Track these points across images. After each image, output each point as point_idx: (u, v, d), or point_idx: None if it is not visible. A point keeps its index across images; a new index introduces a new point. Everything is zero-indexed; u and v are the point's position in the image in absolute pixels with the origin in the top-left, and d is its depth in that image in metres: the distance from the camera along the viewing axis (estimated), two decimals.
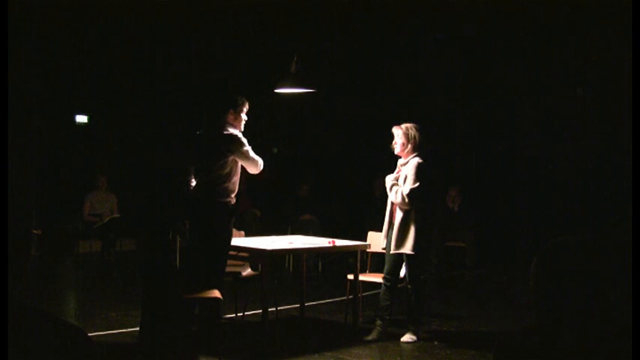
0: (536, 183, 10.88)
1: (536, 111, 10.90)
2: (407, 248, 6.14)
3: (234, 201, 5.94)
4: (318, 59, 9.25)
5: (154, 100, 11.57)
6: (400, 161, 6.32)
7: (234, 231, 6.99)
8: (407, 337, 6.29)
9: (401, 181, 6.20)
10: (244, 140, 5.86)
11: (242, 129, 5.98)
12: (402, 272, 6.36)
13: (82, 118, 12.10)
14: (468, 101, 11.71)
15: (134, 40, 9.14)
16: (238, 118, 5.94)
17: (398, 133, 6.28)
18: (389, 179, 6.30)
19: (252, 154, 5.88)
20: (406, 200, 6.10)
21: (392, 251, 6.24)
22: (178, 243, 7.65)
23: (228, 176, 5.88)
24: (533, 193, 10.90)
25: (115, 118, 11.90)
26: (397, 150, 6.29)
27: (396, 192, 6.17)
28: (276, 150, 13.73)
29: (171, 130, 11.17)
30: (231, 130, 5.86)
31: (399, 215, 6.20)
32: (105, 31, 8.62)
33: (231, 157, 5.83)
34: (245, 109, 5.97)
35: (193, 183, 6.00)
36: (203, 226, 5.79)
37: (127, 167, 11.82)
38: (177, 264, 7.48)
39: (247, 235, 7.22)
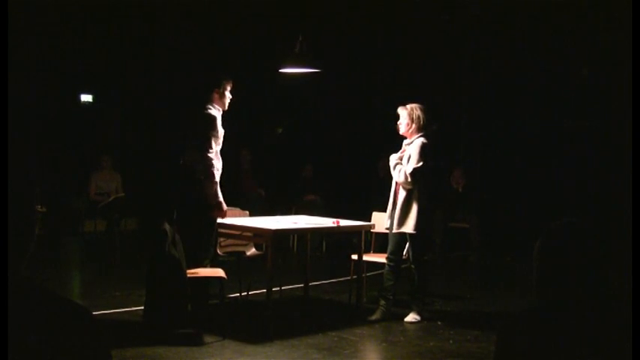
0: (540, 164, 10.85)
1: (543, 91, 10.84)
2: (409, 227, 6.14)
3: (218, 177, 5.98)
4: (323, 39, 9.20)
5: (161, 79, 11.53)
6: (405, 141, 6.32)
7: (239, 211, 7.01)
8: (410, 317, 6.31)
9: (405, 161, 6.20)
10: (215, 129, 5.88)
11: (226, 107, 6.05)
12: (406, 252, 6.38)
13: (86, 97, 12.07)
14: (473, 83, 11.65)
15: (139, 16, 9.11)
16: (223, 97, 5.99)
17: (403, 113, 6.28)
18: (393, 158, 6.30)
19: (211, 142, 5.86)
20: (409, 179, 6.10)
21: (394, 230, 6.24)
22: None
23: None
24: (537, 174, 10.87)
25: (121, 98, 11.88)
26: (402, 130, 6.29)
27: (399, 171, 6.18)
28: (280, 130, 13.70)
29: (176, 109, 11.16)
30: (211, 110, 5.90)
31: (402, 194, 6.21)
32: (110, 7, 8.58)
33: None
34: (229, 88, 6.02)
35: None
36: (187, 203, 5.83)
37: (133, 146, 11.81)
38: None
39: (252, 215, 7.22)
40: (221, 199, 5.94)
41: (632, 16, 4.24)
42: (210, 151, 5.86)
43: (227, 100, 6.05)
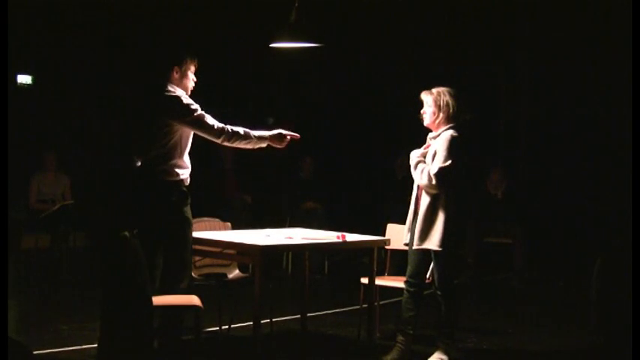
0: (604, 164, 10.82)
1: (615, 70, 10.72)
2: (433, 243, 6.13)
3: (188, 179, 5.98)
4: (325, 5, 9.22)
5: (118, 56, 11.54)
6: (431, 134, 6.32)
7: (219, 222, 7.01)
8: (436, 358, 6.31)
9: (429, 158, 6.19)
10: (190, 102, 5.90)
11: (189, 92, 6.05)
12: (429, 274, 6.38)
13: (24, 79, 12.07)
14: (517, 56, 11.62)
15: None
16: (185, 78, 6.00)
17: (427, 99, 6.27)
18: (414, 155, 6.29)
19: (207, 119, 5.91)
20: (433, 182, 6.09)
21: (414, 246, 6.24)
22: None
23: (177, 148, 5.90)
24: (599, 176, 10.84)
25: (67, 79, 11.88)
26: (427, 121, 6.28)
27: (422, 171, 6.16)
28: (271, 120, 13.71)
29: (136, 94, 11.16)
30: (174, 92, 5.92)
31: (424, 201, 6.19)
32: None
33: (176, 125, 5.86)
34: (193, 69, 6.04)
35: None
36: (149, 214, 5.82)
37: (82, 141, 11.81)
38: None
39: (235, 227, 7.24)
40: (270, 133, 6.19)
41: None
42: (210, 124, 5.89)
43: (190, 84, 6.05)
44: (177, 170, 5.92)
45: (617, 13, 9.26)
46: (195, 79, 6.09)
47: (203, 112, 5.91)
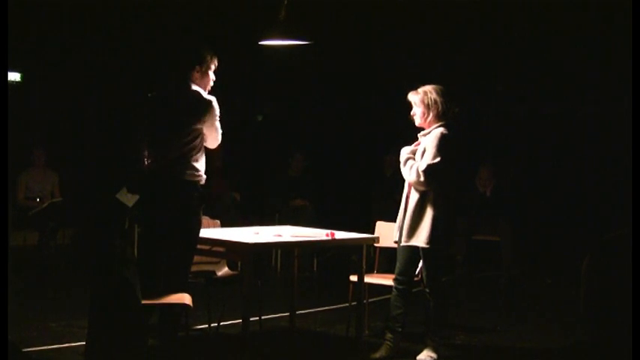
0: (592, 162, 10.84)
1: (603, 69, 10.75)
2: (420, 240, 6.14)
3: (204, 180, 5.97)
4: (314, 2, 9.22)
5: (106, 54, 11.52)
6: (421, 132, 6.31)
7: (208, 220, 7.00)
8: (425, 355, 6.32)
9: (418, 155, 6.19)
10: (217, 108, 5.90)
11: (208, 91, 6.00)
12: (418, 272, 6.39)
13: (13, 76, 12.04)
14: (507, 55, 11.65)
15: None
16: (205, 77, 5.96)
17: (415, 99, 6.26)
18: (404, 152, 6.29)
19: (218, 124, 5.97)
20: (422, 178, 6.09)
21: (402, 243, 6.24)
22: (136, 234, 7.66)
23: (198, 149, 5.89)
24: (587, 175, 10.87)
25: (56, 76, 11.85)
26: (417, 121, 6.27)
27: (411, 167, 6.16)
28: (260, 117, 13.72)
29: (126, 91, 11.14)
30: (202, 93, 5.88)
31: (413, 198, 6.20)
32: None
33: (200, 126, 5.84)
34: (213, 67, 5.99)
35: (148, 160, 5.97)
36: (165, 212, 5.79)
37: (71, 138, 11.79)
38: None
39: (224, 225, 7.22)
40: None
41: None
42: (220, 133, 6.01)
43: (210, 82, 6.02)
44: (196, 170, 5.90)
45: (616, 13, 9.28)
46: (214, 78, 6.03)
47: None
